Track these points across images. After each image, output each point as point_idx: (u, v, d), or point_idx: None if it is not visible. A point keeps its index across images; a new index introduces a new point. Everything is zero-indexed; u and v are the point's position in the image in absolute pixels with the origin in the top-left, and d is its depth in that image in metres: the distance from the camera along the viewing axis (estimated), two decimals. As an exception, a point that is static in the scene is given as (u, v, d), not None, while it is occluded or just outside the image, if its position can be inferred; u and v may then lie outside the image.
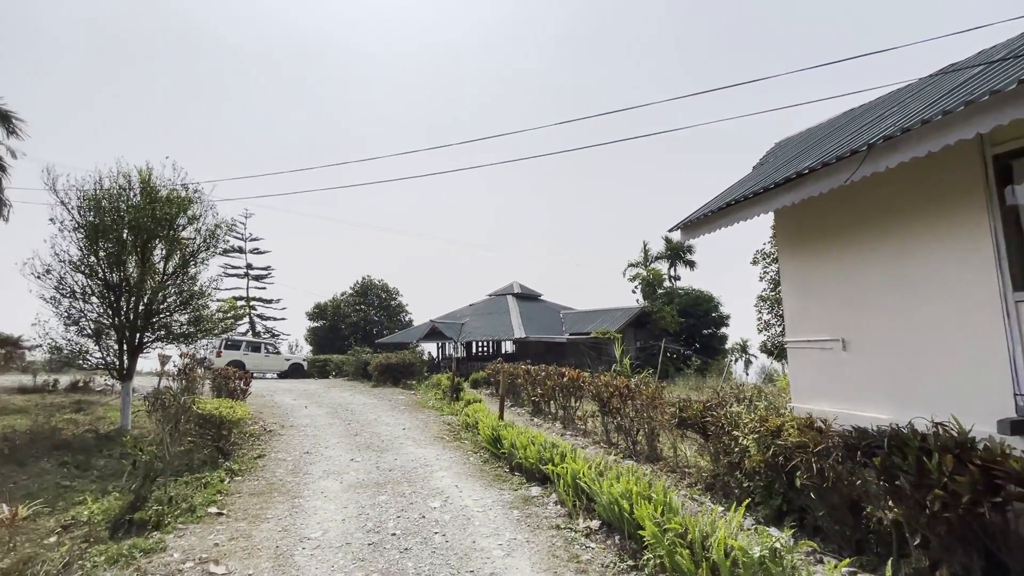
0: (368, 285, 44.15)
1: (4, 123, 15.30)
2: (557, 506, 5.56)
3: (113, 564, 4.11)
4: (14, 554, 2.92)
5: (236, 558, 4.33)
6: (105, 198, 9.23)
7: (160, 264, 9.63)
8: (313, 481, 6.64)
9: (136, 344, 9.31)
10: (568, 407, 10.56)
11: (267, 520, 5.26)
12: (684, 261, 35.59)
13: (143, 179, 9.69)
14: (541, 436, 7.11)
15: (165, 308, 9.60)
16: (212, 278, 10.41)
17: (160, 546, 4.50)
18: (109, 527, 4.84)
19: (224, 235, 10.57)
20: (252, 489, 6.36)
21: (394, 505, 5.68)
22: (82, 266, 9.08)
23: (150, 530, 4.88)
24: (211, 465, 7.27)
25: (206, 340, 11.65)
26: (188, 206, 9.86)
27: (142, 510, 5.12)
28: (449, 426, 10.49)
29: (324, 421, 11.02)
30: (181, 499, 5.71)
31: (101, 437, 8.53)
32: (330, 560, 4.28)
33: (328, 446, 8.68)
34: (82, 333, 9.06)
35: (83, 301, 9.08)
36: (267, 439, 9.14)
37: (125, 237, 9.23)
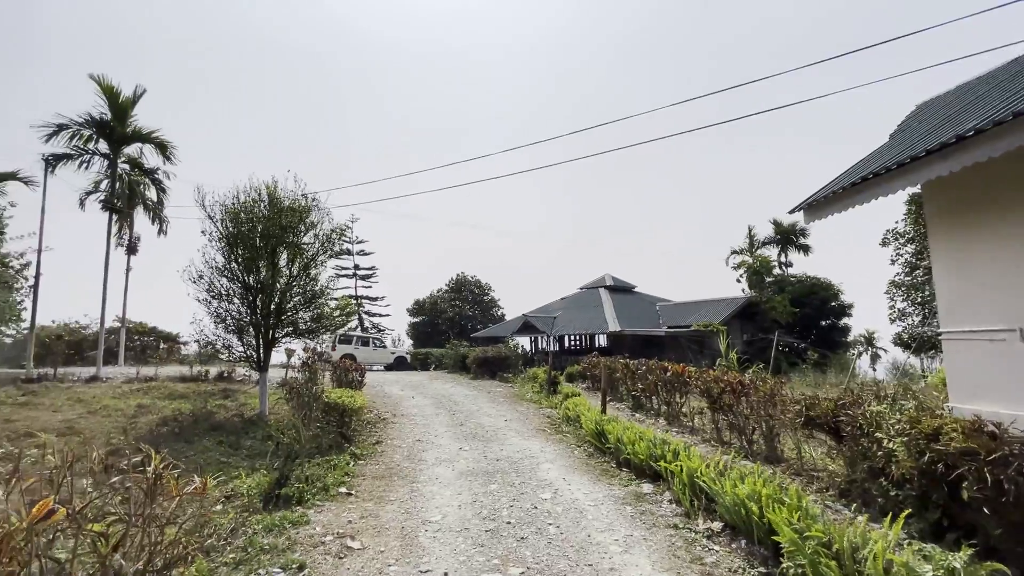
0: (462, 281, 45.80)
1: (162, 151, 17.96)
2: (672, 504, 5.34)
3: (269, 532, 4.63)
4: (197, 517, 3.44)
5: (368, 535, 4.68)
6: (242, 211, 10.42)
7: (286, 267, 10.70)
8: (427, 468, 7.00)
9: (270, 339, 10.44)
10: (672, 403, 10.12)
11: (391, 502, 5.63)
12: (796, 246, 32.49)
13: (269, 192, 10.80)
14: (649, 432, 6.87)
15: (292, 307, 10.64)
16: (329, 278, 11.36)
17: (304, 520, 5.00)
18: (262, 499, 5.47)
19: (338, 239, 11.48)
20: (374, 472, 6.85)
21: (505, 494, 5.81)
22: (225, 271, 10.35)
23: (294, 505, 5.44)
24: (337, 449, 7.95)
25: (326, 335, 12.78)
26: (307, 214, 10.83)
27: (286, 487, 5.72)
28: (549, 419, 10.54)
29: (431, 411, 11.60)
30: (316, 479, 6.30)
31: (246, 421, 9.70)
32: (452, 543, 4.47)
33: (437, 435, 9.11)
34: (228, 329, 10.33)
35: (227, 301, 10.36)
36: (382, 427, 9.82)
37: (257, 244, 10.37)
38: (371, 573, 3.94)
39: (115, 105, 16.77)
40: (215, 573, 3.87)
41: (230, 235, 10.29)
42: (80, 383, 14.21)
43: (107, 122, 16.78)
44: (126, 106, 16.96)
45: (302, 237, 10.70)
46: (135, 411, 10.49)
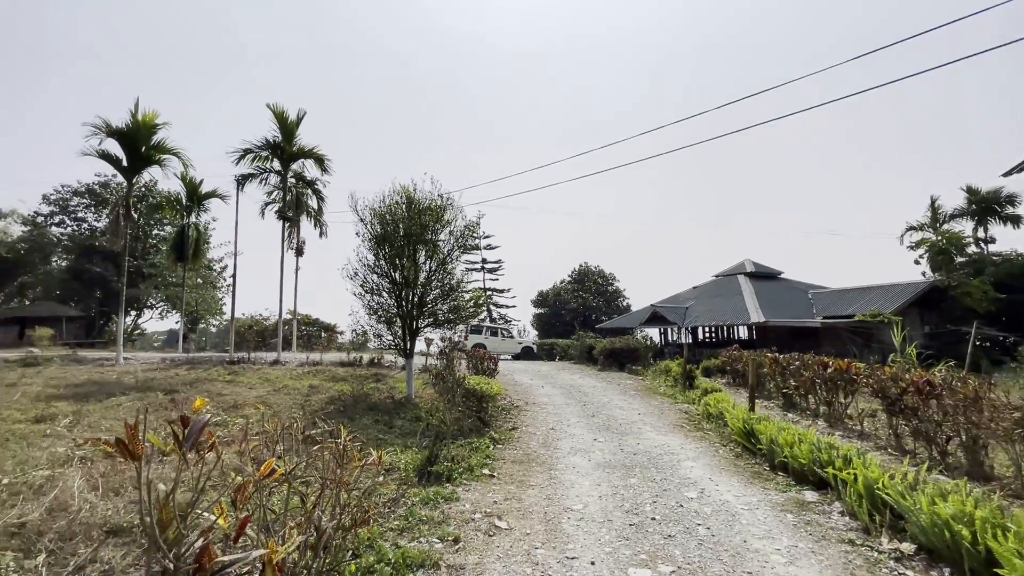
0: (585, 272, 45.46)
1: (319, 164, 20.59)
2: (844, 517, 4.70)
3: (425, 505, 5.05)
4: (371, 485, 3.94)
5: (513, 517, 4.86)
6: (387, 212, 11.48)
7: (425, 263, 11.55)
8: (563, 456, 7.07)
9: (414, 328, 11.38)
10: (834, 403, 8.93)
11: (531, 487, 5.78)
12: (1001, 217, 26.22)
13: (408, 194, 11.73)
14: (810, 434, 6.14)
15: (432, 299, 11.48)
16: (463, 272, 12.03)
17: (454, 496, 5.36)
18: (416, 474, 5.99)
19: (470, 235, 12.08)
20: (513, 457, 7.10)
21: (647, 489, 5.62)
22: (375, 268, 11.51)
23: (444, 482, 5.87)
24: (476, 433, 8.41)
25: (461, 325, 13.61)
26: (443, 213, 11.56)
27: (437, 464, 6.19)
28: (686, 415, 9.99)
29: (560, 401, 11.71)
30: (461, 459, 6.72)
31: (396, 402, 10.71)
32: (595, 533, 4.45)
33: (569, 424, 9.16)
34: (379, 320, 11.50)
35: (378, 295, 11.52)
36: (516, 414, 10.16)
37: (400, 243, 11.34)
38: (519, 553, 4.08)
39: (284, 128, 19.57)
40: (383, 536, 4.31)
41: (378, 235, 11.41)
42: (266, 365, 16.92)
43: (279, 143, 19.66)
44: (292, 128, 19.69)
45: (439, 235, 11.46)
46: (308, 390, 12.18)
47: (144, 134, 17.67)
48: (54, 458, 5.90)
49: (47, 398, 9.89)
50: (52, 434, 7.14)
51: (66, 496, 4.55)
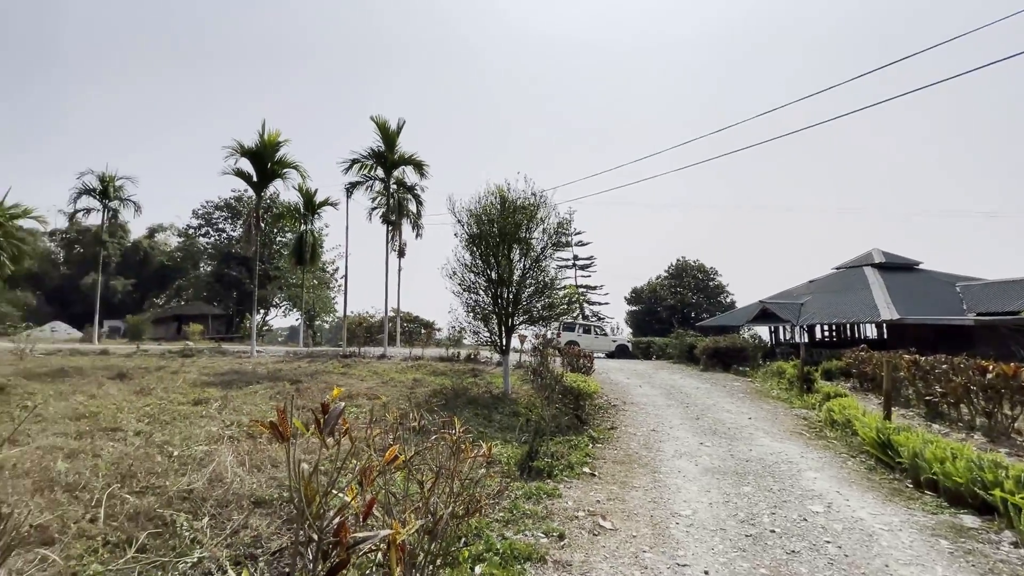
0: (683, 267, 43.35)
1: (418, 170, 21.75)
2: (1019, 550, 4.00)
3: (528, 499, 5.12)
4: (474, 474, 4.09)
5: (617, 517, 4.75)
6: (482, 213, 11.79)
7: (520, 261, 11.70)
8: (667, 459, 6.79)
9: (509, 325, 11.59)
10: (996, 414, 7.64)
11: (635, 488, 5.62)
12: None
13: (501, 194, 11.95)
14: (966, 449, 5.30)
15: (527, 297, 11.60)
16: (556, 269, 12.01)
17: (556, 493, 5.37)
18: (518, 468, 6.09)
19: (564, 232, 12.03)
20: (613, 457, 6.96)
21: (763, 500, 5.22)
22: (472, 267, 11.88)
23: (545, 478, 5.91)
24: (574, 431, 8.36)
25: (554, 322, 13.63)
26: (536, 211, 11.63)
27: (537, 460, 6.25)
28: (805, 421, 9.13)
29: (661, 401, 11.26)
30: (560, 456, 6.72)
31: (494, 397, 10.98)
32: (707, 542, 4.21)
33: (672, 426, 8.78)
34: (476, 317, 11.85)
35: (475, 293, 11.88)
36: (614, 413, 9.95)
37: (495, 242, 11.59)
38: (626, 555, 3.98)
39: (386, 137, 20.93)
40: (489, 527, 4.42)
41: (474, 235, 11.77)
42: (374, 359, 18.21)
43: (382, 152, 21.08)
44: (393, 137, 21.00)
45: (532, 232, 11.55)
46: (412, 383, 12.90)
47: (270, 152, 19.86)
48: (210, 436, 6.82)
49: (201, 384, 11.47)
50: (207, 415, 8.27)
51: (221, 469, 5.24)
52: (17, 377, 11.12)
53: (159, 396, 9.77)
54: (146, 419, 7.65)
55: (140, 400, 9.28)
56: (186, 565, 3.45)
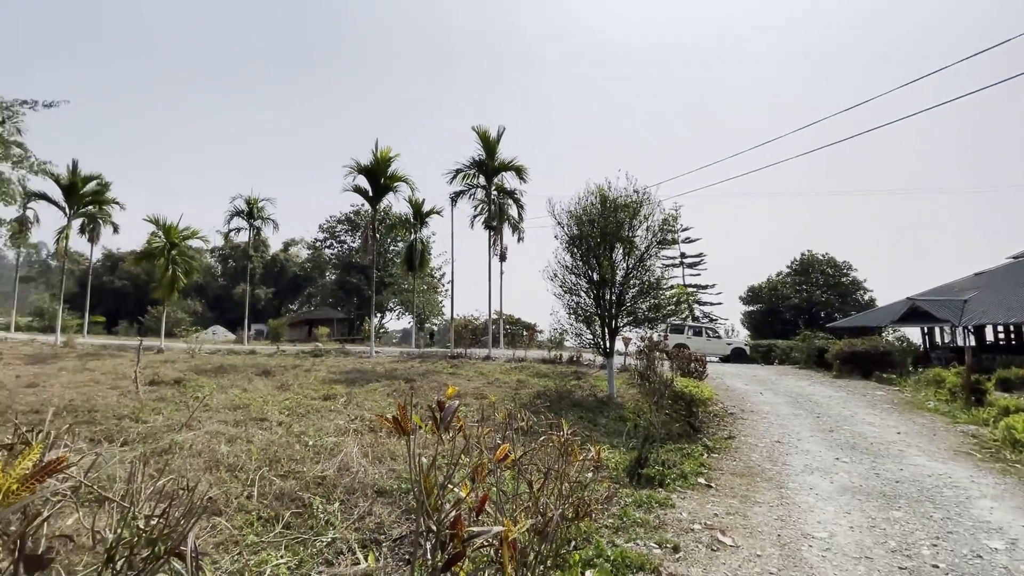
0: (809, 262, 39.10)
1: (519, 175, 22.18)
2: None
3: (638, 507, 4.92)
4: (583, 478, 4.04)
5: (739, 534, 4.39)
6: (582, 213, 11.67)
7: (622, 261, 11.37)
8: (796, 474, 6.13)
9: (613, 327, 11.30)
10: None
11: (758, 504, 5.15)
12: None
13: (602, 193, 11.71)
14: None
15: (630, 297, 11.24)
16: (663, 267, 11.49)
17: (668, 502, 5.11)
18: (626, 474, 5.89)
19: (669, 230, 11.48)
20: (732, 469, 6.45)
21: (921, 528, 4.49)
22: (573, 269, 11.79)
23: (656, 486, 5.64)
24: (686, 438, 7.90)
25: (661, 324, 13.04)
26: (639, 208, 11.23)
27: (647, 467, 6.00)
28: (975, 439, 7.73)
29: (786, 410, 10.24)
30: (672, 464, 6.39)
31: (599, 401, 10.77)
32: (849, 570, 3.72)
33: (800, 439, 7.93)
34: (578, 319, 11.74)
35: (576, 295, 11.77)
36: (731, 421, 9.24)
37: (596, 242, 11.39)
38: (751, 576, 3.65)
39: (487, 146, 21.64)
40: (599, 532, 4.32)
41: (574, 236, 11.68)
42: (479, 360, 18.84)
43: (483, 161, 21.83)
44: (494, 145, 21.64)
45: (635, 231, 11.18)
46: (516, 384, 13.12)
47: (382, 168, 21.49)
48: (337, 429, 7.51)
49: (329, 381, 12.70)
50: (334, 410, 9.13)
51: (348, 459, 5.74)
52: (190, 372, 13.20)
53: (295, 391, 10.99)
54: (286, 411, 8.63)
55: (281, 394, 10.51)
56: (322, 543, 3.81)
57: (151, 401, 9.06)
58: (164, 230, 22.30)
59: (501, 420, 3.34)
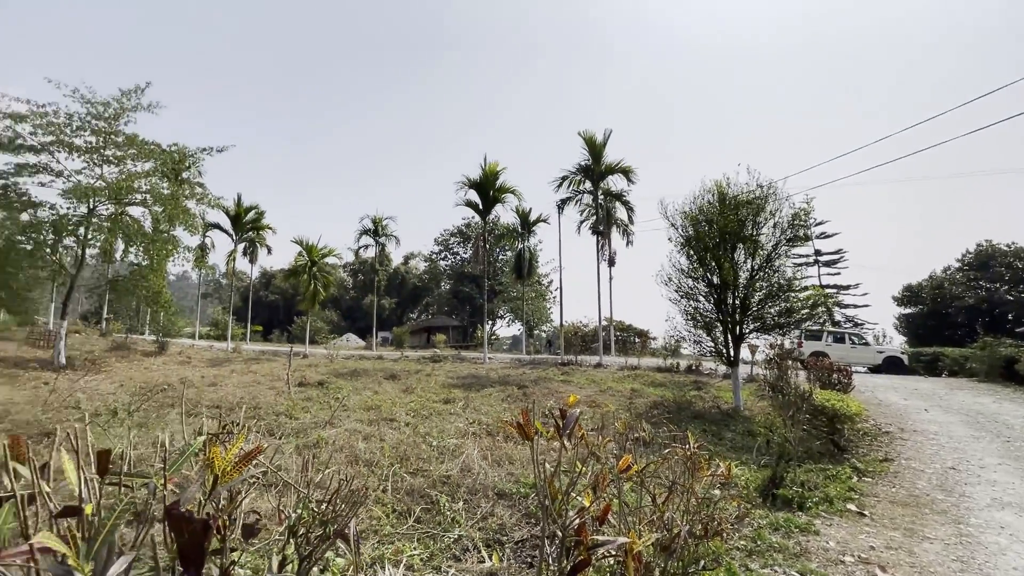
0: (989, 254, 32.68)
1: (626, 177, 21.66)
2: None
3: (775, 530, 4.49)
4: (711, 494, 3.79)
5: (903, 571, 3.79)
6: (698, 213, 11.03)
7: (746, 262, 10.52)
8: (980, 509, 5.15)
9: (737, 334, 10.48)
10: None
11: (928, 540, 4.41)
12: None
13: (720, 190, 10.97)
14: None
15: (757, 302, 10.35)
16: (795, 268, 10.42)
17: (811, 528, 4.58)
18: (759, 494, 5.41)
19: (800, 226, 10.40)
20: (891, 496, 5.61)
21: None
22: (690, 272, 11.17)
23: (794, 509, 5.10)
24: (830, 458, 7.05)
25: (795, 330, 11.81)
26: (764, 204, 10.33)
27: (783, 488, 5.45)
28: None
29: (961, 431, 8.65)
30: (812, 486, 5.73)
31: (723, 413, 10.04)
32: (1066, 633, 3.02)
33: (983, 466, 6.64)
34: (697, 325, 11.07)
35: (694, 300, 11.13)
36: (887, 441, 8.04)
37: (714, 243, 10.67)
38: (925, 625, 3.13)
39: (593, 150, 21.46)
40: (730, 554, 4.02)
41: (689, 238, 11.07)
42: (590, 368, 18.61)
43: (589, 166, 21.68)
44: (600, 149, 21.40)
45: (760, 229, 10.29)
46: (630, 393, 12.73)
47: (491, 181, 22.33)
48: (458, 431, 7.90)
49: (448, 386, 13.42)
50: (454, 413, 9.62)
51: (469, 461, 6.01)
52: (330, 375, 14.80)
53: (419, 394, 11.78)
54: (411, 413, 9.28)
55: (406, 397, 11.34)
56: (449, 539, 4.02)
57: (300, 400, 10.32)
58: (306, 249, 25.40)
59: (620, 430, 3.26)
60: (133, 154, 14.76)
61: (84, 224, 14.41)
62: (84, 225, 14.43)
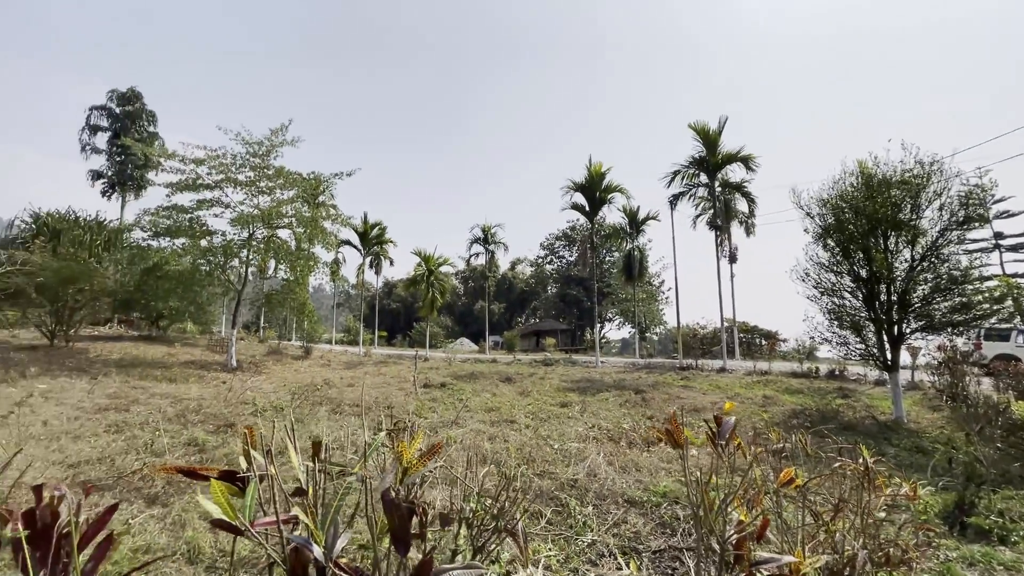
0: None
1: (745, 165, 20.02)
2: None
3: (969, 566, 3.79)
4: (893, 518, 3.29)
5: None
6: (839, 198, 9.82)
7: (903, 251, 9.14)
8: None
9: (896, 335, 9.12)
10: None
11: None
12: None
13: (863, 170, 9.67)
14: None
15: (920, 297, 8.93)
16: (974, 257, 8.81)
17: (1019, 566, 3.80)
18: (942, 521, 4.62)
19: (977, 203, 8.78)
20: None
21: None
22: (831, 266, 9.97)
23: (993, 542, 4.27)
24: (1035, 483, 5.80)
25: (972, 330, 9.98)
26: (925, 183, 8.90)
27: (974, 515, 4.60)
28: None
29: None
30: (1016, 516, 4.76)
31: (881, 425, 8.78)
32: None
33: None
34: (843, 325, 9.83)
35: (838, 297, 9.90)
36: (1118, 466, 6.42)
37: (861, 231, 9.41)
38: None
39: (707, 141, 20.19)
40: (911, 590, 3.46)
41: (829, 227, 9.90)
42: (713, 372, 17.43)
43: (703, 158, 20.43)
44: (715, 138, 20.07)
45: (922, 212, 8.88)
46: (762, 400, 11.68)
47: (597, 182, 22.03)
48: (578, 435, 7.84)
49: (562, 389, 13.43)
50: (571, 417, 9.57)
51: (594, 466, 5.93)
52: (449, 377, 15.60)
53: (535, 397, 11.93)
54: (530, 415, 9.42)
55: (523, 399, 11.54)
56: (583, 544, 3.99)
57: (426, 401, 10.99)
58: (424, 260, 27.15)
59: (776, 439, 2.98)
60: (280, 184, 16.94)
61: (246, 247, 16.82)
62: (246, 248, 16.84)
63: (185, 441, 6.55)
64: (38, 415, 7.63)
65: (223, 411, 8.75)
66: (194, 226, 15.96)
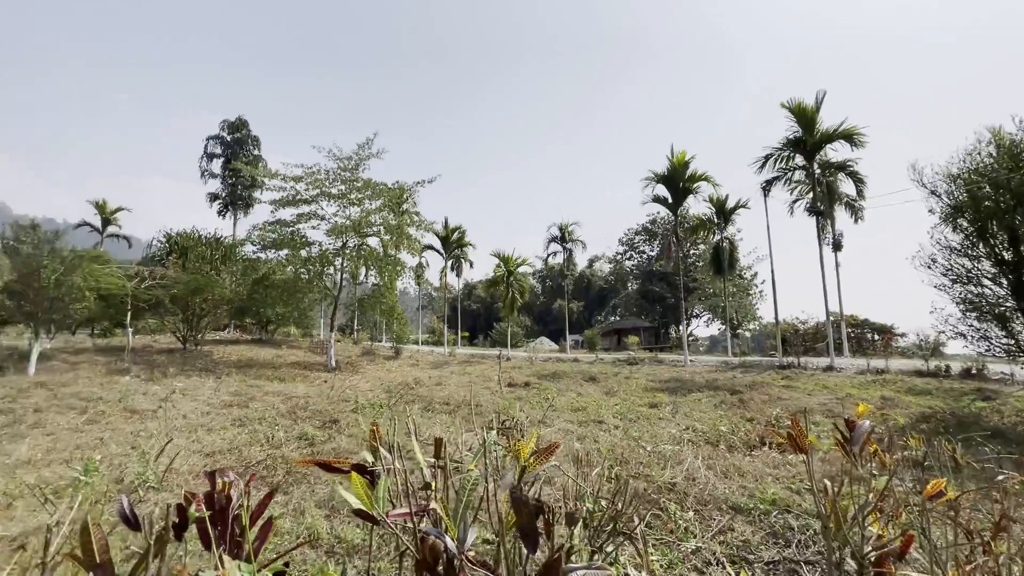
0: None
1: (849, 142, 18.11)
2: None
3: None
4: None
5: None
6: (973, 173, 8.59)
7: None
8: None
9: (1053, 326, 7.81)
10: None
11: None
12: None
13: (998, 139, 8.38)
14: None
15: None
16: None
17: None
18: None
19: None
20: None
21: None
22: (964, 250, 8.75)
23: None
24: None
25: None
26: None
27: None
28: None
29: None
30: None
31: (1037, 432, 7.55)
32: None
33: None
34: (982, 318, 8.59)
35: (974, 285, 8.67)
36: None
37: (997, 208, 8.15)
38: None
39: (803, 119, 18.55)
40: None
41: (961, 205, 8.69)
42: (818, 371, 15.99)
43: (799, 138, 18.79)
44: (811, 115, 18.38)
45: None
46: (880, 402, 10.51)
47: (680, 172, 21.08)
48: (672, 437, 7.53)
49: (650, 389, 12.99)
50: (662, 418, 9.22)
51: (692, 470, 5.65)
52: (532, 377, 15.69)
53: (622, 397, 11.65)
54: (618, 416, 9.20)
55: (610, 399, 11.32)
56: (687, 550, 3.80)
57: (512, 400, 11.13)
58: (503, 260, 27.56)
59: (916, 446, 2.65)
60: (369, 194, 18.01)
61: (340, 255, 18.07)
62: (340, 256, 18.10)
63: (297, 435, 7.14)
64: (179, 409, 8.72)
65: (327, 408, 9.45)
66: (295, 238, 17.42)
